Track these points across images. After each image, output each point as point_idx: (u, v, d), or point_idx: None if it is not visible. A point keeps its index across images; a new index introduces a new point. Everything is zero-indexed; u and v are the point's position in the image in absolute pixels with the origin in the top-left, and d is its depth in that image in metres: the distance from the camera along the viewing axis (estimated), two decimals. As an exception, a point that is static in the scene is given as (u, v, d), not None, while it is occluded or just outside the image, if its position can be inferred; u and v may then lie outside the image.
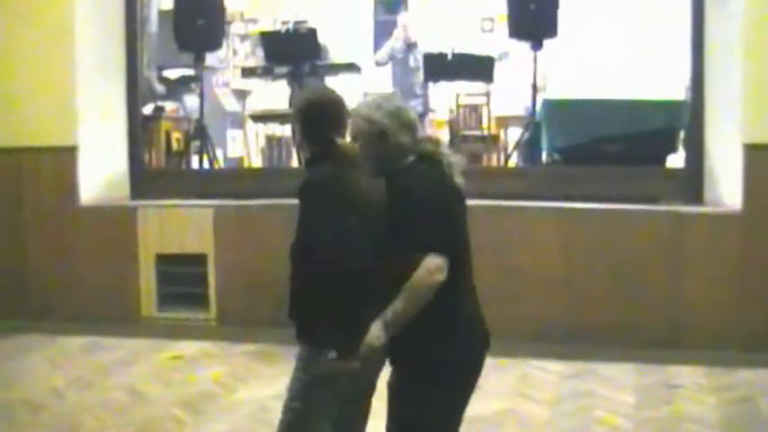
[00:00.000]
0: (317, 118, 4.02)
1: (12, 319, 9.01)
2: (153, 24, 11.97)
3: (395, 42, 12.75)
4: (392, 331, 3.66)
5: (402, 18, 13.25)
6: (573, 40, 11.65)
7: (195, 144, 10.83)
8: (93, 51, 9.33)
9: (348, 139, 4.09)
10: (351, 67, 11.92)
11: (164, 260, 9.01)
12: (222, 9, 10.68)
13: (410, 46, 12.60)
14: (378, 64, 12.84)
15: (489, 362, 7.60)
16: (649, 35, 13.57)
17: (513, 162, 10.71)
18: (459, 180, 3.85)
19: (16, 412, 6.72)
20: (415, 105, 12.39)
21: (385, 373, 4.03)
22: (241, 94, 14.32)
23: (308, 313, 3.92)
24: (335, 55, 12.45)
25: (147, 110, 11.07)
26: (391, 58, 12.70)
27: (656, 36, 13.25)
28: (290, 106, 11.26)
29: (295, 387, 4.04)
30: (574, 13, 10.84)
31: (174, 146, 11.61)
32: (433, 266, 3.58)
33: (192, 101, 11.87)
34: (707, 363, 7.52)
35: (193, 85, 11.84)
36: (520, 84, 11.27)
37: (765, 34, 7.74)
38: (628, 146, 9.02)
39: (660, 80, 12.04)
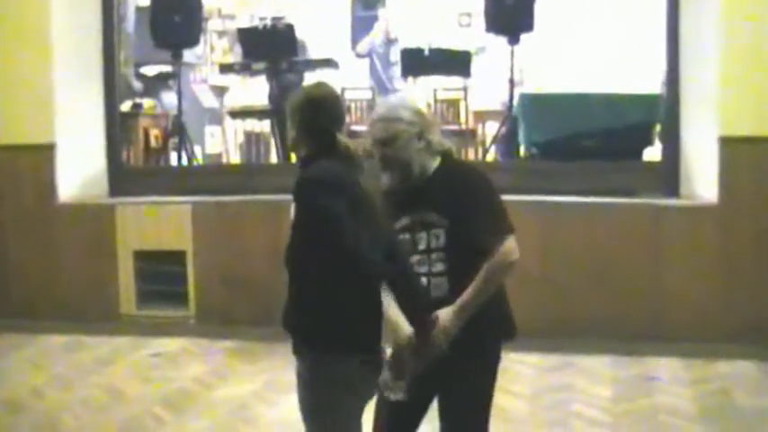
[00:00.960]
0: (319, 113, 3.80)
1: (-8, 318, 9.00)
2: (130, 21, 11.95)
3: (376, 36, 12.77)
4: None
5: (384, 12, 13.28)
6: (550, 35, 11.67)
7: (173, 141, 10.82)
8: (71, 49, 9.30)
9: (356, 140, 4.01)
10: (328, 63, 11.92)
11: (143, 257, 9.00)
12: (199, 5, 10.70)
13: (390, 41, 12.62)
14: (358, 55, 12.87)
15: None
16: (625, 29, 13.63)
17: (490, 156, 10.73)
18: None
19: (-4, 412, 6.72)
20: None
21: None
22: (219, 91, 14.32)
23: (315, 323, 3.70)
24: (313, 51, 12.43)
25: (125, 107, 11.07)
26: (372, 51, 12.71)
27: (632, 30, 13.31)
28: (271, 102, 11.29)
29: (306, 408, 3.77)
30: (550, 7, 10.87)
31: (153, 143, 11.61)
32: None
33: (169, 97, 11.86)
34: (685, 355, 7.56)
35: (171, 82, 11.85)
36: (497, 78, 11.29)
37: (740, 27, 7.77)
38: (605, 140, 9.06)
39: (636, 74, 12.09)
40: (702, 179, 8.18)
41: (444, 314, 3.85)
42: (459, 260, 3.95)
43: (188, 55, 11.37)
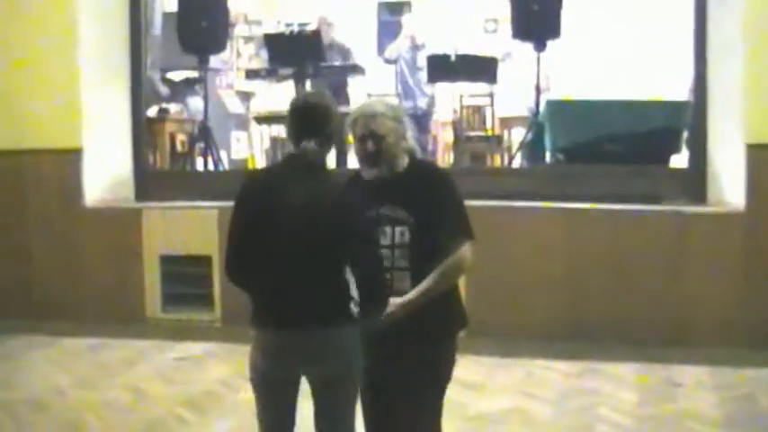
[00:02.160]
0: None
1: (16, 319, 9.03)
2: (157, 26, 11.98)
3: (403, 41, 12.76)
4: None
5: (408, 18, 13.28)
6: (576, 41, 11.65)
7: (199, 146, 10.85)
8: (98, 53, 9.36)
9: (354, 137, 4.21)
10: (354, 69, 11.93)
11: (168, 261, 9.03)
12: (226, 11, 10.72)
13: (417, 46, 12.61)
14: (386, 61, 12.85)
15: (494, 360, 7.69)
16: (652, 36, 13.61)
17: (516, 162, 10.72)
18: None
19: (20, 411, 6.73)
20: (420, 105, 12.44)
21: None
22: (245, 96, 14.34)
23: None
24: (346, 56, 12.42)
25: (152, 112, 11.10)
26: (399, 56, 12.70)
27: (659, 36, 13.29)
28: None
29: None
30: (577, 13, 10.84)
31: (179, 147, 11.65)
32: None
33: (196, 102, 11.88)
34: (710, 361, 7.52)
35: (197, 87, 11.86)
36: (523, 84, 11.29)
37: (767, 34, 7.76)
38: (631, 146, 9.04)
39: (663, 80, 12.06)
40: (729, 186, 8.15)
41: (392, 304, 4.01)
42: (422, 258, 4.09)
43: (214, 60, 11.40)
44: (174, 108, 11.81)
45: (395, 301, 4.01)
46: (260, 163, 13.37)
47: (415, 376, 4.11)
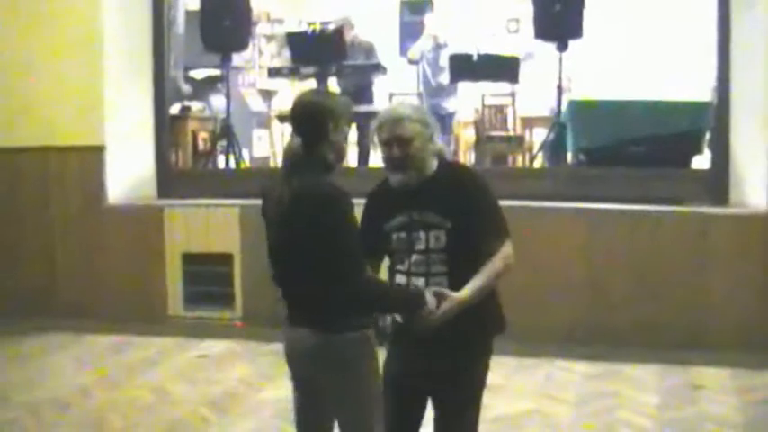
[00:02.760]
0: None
1: (39, 317, 9.09)
2: (180, 25, 12.02)
3: (426, 41, 12.76)
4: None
5: (430, 18, 13.28)
6: (598, 42, 11.63)
7: (221, 144, 10.89)
8: (121, 52, 9.40)
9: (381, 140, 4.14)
10: (376, 68, 11.94)
11: (190, 260, 9.06)
12: (248, 9, 10.74)
13: (439, 46, 12.60)
14: (410, 61, 12.85)
15: (514, 362, 7.69)
16: (675, 37, 13.58)
17: (538, 163, 10.72)
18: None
19: (44, 410, 6.76)
20: (444, 105, 12.44)
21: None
22: (267, 95, 14.38)
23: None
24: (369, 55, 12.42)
25: (174, 110, 11.15)
26: (422, 56, 12.70)
27: (682, 38, 13.26)
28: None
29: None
30: (599, 14, 10.82)
31: (201, 146, 11.70)
32: None
33: (218, 101, 11.93)
34: (731, 364, 7.50)
35: (219, 86, 11.91)
36: (545, 84, 11.26)
37: (791, 36, 7.75)
38: (653, 147, 9.01)
39: (686, 82, 12.04)
40: (751, 187, 8.14)
41: (450, 299, 3.94)
42: (460, 261, 4.04)
43: (237, 59, 11.44)
44: (196, 106, 11.85)
45: (452, 297, 3.94)
46: (280, 161, 13.41)
47: (455, 379, 4.11)
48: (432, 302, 3.89)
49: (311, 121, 3.85)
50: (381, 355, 4.09)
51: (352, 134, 9.18)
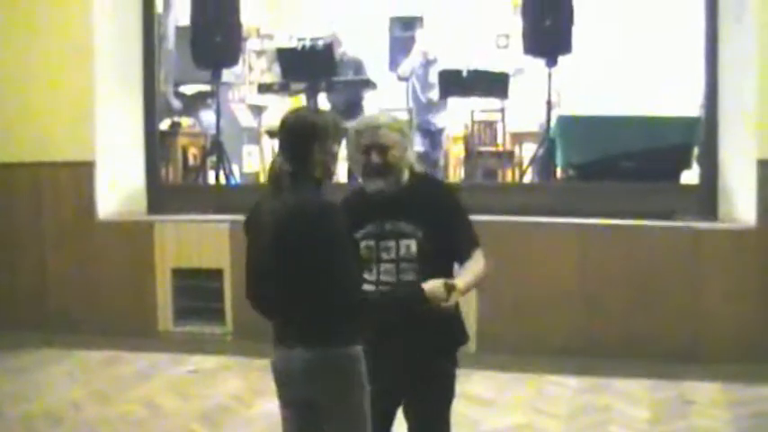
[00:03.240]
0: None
1: (31, 332, 9.08)
2: (170, 41, 12.06)
3: (416, 57, 12.79)
4: None
5: (421, 34, 13.31)
6: (587, 57, 11.66)
7: (211, 159, 10.90)
8: (112, 67, 9.42)
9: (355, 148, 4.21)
10: (366, 83, 11.97)
11: (180, 275, 9.06)
12: (239, 25, 10.75)
13: (429, 62, 12.63)
14: (400, 78, 12.87)
15: (505, 376, 7.70)
16: (663, 51, 13.62)
17: (527, 178, 10.74)
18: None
19: (36, 424, 6.75)
20: (434, 121, 12.47)
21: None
22: (257, 110, 14.39)
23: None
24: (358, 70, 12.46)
25: (165, 125, 11.16)
26: (412, 72, 12.73)
27: (671, 52, 13.31)
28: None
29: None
30: (588, 29, 10.85)
31: (191, 161, 11.72)
32: None
33: (208, 116, 11.95)
34: (722, 378, 7.51)
35: (210, 101, 11.94)
36: (534, 100, 11.30)
37: (779, 51, 7.79)
38: (642, 162, 9.06)
39: (674, 96, 12.08)
40: (741, 202, 8.17)
41: (456, 294, 3.98)
42: (430, 270, 4.05)
43: (227, 74, 11.44)
44: (186, 122, 11.87)
45: (459, 289, 4.00)
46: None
47: (429, 389, 4.20)
48: (441, 294, 3.91)
49: (298, 138, 3.84)
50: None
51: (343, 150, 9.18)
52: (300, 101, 12.06)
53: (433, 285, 3.89)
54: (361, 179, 4.23)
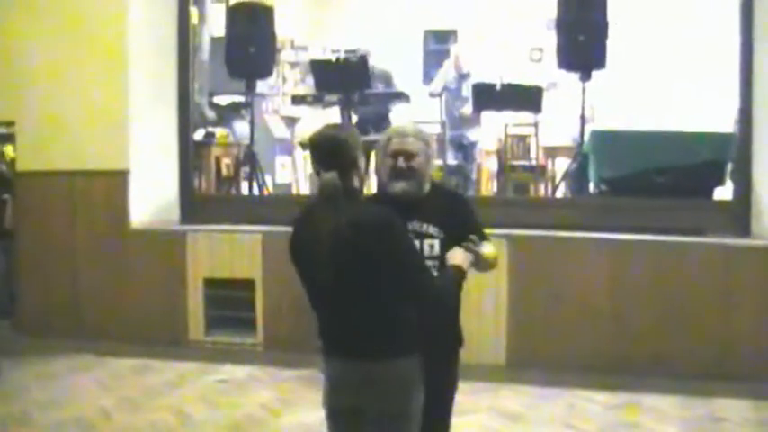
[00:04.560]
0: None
1: (63, 339, 9.16)
2: (205, 51, 12.10)
3: (447, 73, 12.79)
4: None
5: (455, 48, 13.30)
6: (621, 72, 11.64)
7: (245, 170, 10.94)
8: (147, 77, 9.47)
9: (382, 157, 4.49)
10: (400, 96, 12.00)
11: (212, 285, 9.09)
12: (273, 37, 10.79)
13: (462, 76, 12.63)
14: (432, 95, 12.85)
15: (536, 391, 7.69)
16: (697, 67, 13.58)
17: (560, 193, 10.72)
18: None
19: (66, 431, 6.81)
20: (467, 135, 12.47)
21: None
22: (290, 121, 14.43)
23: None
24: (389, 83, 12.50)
25: (198, 135, 11.20)
26: (445, 88, 12.72)
27: (705, 68, 13.26)
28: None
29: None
30: (623, 44, 10.83)
31: (224, 171, 11.75)
32: None
33: (242, 127, 11.98)
34: (753, 395, 7.48)
35: (243, 112, 11.97)
36: (568, 114, 11.29)
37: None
38: (675, 178, 9.01)
39: (708, 112, 12.04)
40: (774, 219, 8.13)
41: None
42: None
43: (261, 85, 11.49)
44: (220, 132, 11.91)
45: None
46: (303, 188, 13.49)
47: (434, 388, 4.31)
48: (469, 257, 4.20)
49: (341, 154, 3.95)
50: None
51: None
52: (333, 113, 12.07)
53: (459, 255, 4.17)
54: (387, 181, 4.49)
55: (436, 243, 4.42)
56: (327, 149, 3.97)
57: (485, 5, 15.86)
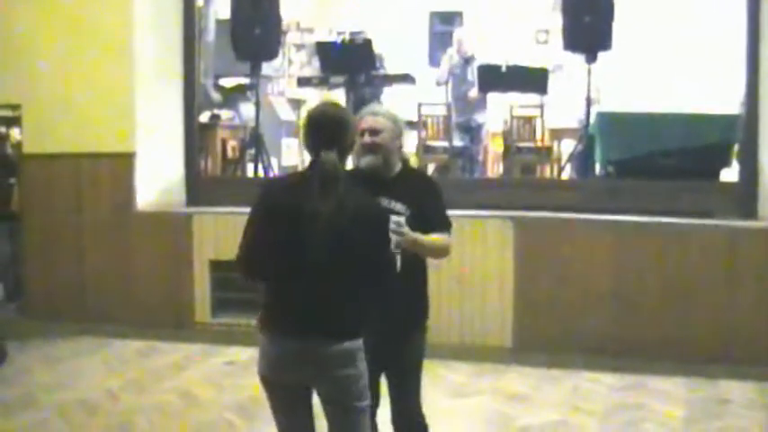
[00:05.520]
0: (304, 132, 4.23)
1: (69, 321, 9.19)
2: (210, 33, 12.09)
3: (451, 59, 12.74)
4: None
5: (458, 33, 13.25)
6: (627, 54, 11.60)
7: (250, 152, 10.91)
8: (152, 59, 9.46)
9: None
10: (405, 78, 11.98)
11: (218, 267, 9.09)
12: (278, 19, 10.75)
13: (467, 60, 12.59)
14: (438, 84, 12.81)
15: (542, 373, 7.70)
16: (704, 49, 13.54)
17: (566, 174, 10.71)
18: None
19: (72, 412, 6.84)
20: (473, 117, 12.45)
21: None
22: (296, 103, 14.41)
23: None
24: (391, 65, 12.49)
25: (204, 118, 11.18)
26: (450, 74, 12.67)
27: (711, 50, 13.22)
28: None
29: (359, 385, 4.03)
30: (628, 26, 10.80)
31: (230, 153, 11.74)
32: None
33: (247, 109, 11.97)
34: (759, 378, 7.48)
35: (249, 94, 11.94)
36: (574, 96, 11.26)
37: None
38: (681, 160, 9.00)
39: (715, 94, 12.00)
40: (781, 201, 8.12)
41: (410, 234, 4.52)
42: None
43: (266, 67, 11.46)
44: (225, 114, 11.90)
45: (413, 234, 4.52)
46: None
47: (403, 353, 4.82)
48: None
49: (343, 135, 4.06)
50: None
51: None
52: (338, 95, 12.06)
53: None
54: (358, 157, 4.74)
55: (402, 220, 4.53)
56: (332, 129, 4.00)
57: (490, -13, 15.82)
